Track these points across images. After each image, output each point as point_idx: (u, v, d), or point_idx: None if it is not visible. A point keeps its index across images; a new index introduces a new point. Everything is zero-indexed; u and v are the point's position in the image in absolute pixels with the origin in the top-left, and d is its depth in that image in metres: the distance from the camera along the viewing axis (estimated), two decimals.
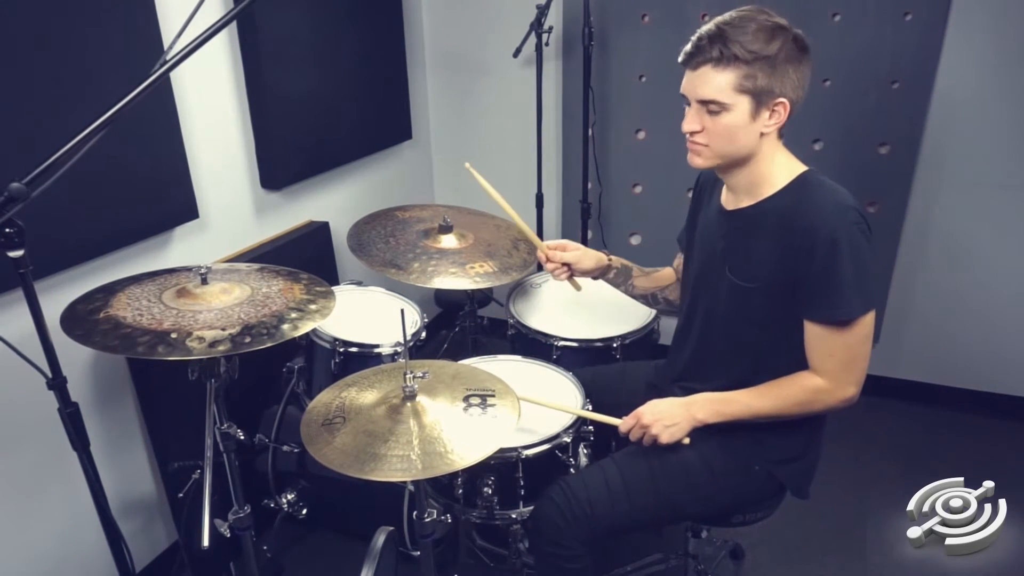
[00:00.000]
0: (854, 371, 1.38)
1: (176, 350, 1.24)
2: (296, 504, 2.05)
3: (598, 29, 2.69)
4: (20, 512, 1.69)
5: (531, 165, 2.90)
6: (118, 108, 1.10)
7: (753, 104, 1.32)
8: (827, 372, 1.39)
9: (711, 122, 1.34)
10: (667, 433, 1.47)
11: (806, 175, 1.41)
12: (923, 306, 2.72)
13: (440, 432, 1.27)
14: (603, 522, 1.47)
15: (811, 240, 1.31)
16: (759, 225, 1.42)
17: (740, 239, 1.46)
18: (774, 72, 1.30)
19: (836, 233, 1.29)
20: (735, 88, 1.30)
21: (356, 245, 2.06)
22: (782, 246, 1.36)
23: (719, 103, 1.32)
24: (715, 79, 1.31)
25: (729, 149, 1.37)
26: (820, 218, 1.31)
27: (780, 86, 1.32)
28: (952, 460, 2.44)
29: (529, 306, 2.17)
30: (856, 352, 1.37)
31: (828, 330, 1.35)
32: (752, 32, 1.29)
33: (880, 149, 2.57)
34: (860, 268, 1.31)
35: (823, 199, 1.34)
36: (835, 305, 1.32)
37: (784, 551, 2.13)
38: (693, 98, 1.35)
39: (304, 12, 2.28)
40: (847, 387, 1.39)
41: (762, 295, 1.41)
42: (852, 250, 1.29)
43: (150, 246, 1.93)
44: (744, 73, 1.29)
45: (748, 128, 1.35)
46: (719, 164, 1.42)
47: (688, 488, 1.50)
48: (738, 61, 1.29)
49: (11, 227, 1.09)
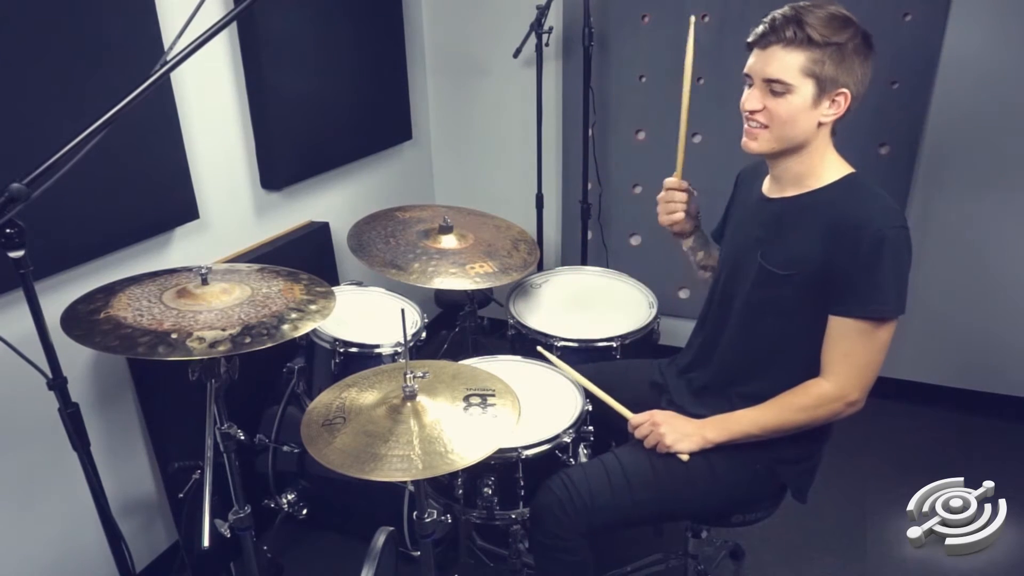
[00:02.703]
0: (864, 377, 1.38)
1: (176, 350, 1.24)
2: (296, 504, 2.05)
3: (598, 29, 2.69)
4: (20, 512, 1.69)
5: (531, 165, 2.90)
6: (118, 108, 1.10)
7: (816, 90, 1.33)
8: (838, 374, 1.38)
9: (773, 103, 1.35)
10: (673, 439, 1.48)
11: (855, 176, 1.42)
12: (923, 306, 2.72)
13: (440, 432, 1.27)
14: (603, 515, 1.47)
15: (857, 235, 1.31)
16: (802, 215, 1.42)
17: (779, 227, 1.46)
18: (842, 61, 1.32)
19: (883, 232, 1.30)
20: (802, 71, 1.31)
21: (356, 245, 2.06)
22: (825, 239, 1.36)
23: (785, 83, 1.32)
24: (784, 58, 1.31)
25: (787, 132, 1.37)
26: (868, 216, 1.32)
27: (845, 76, 1.33)
28: (952, 460, 2.44)
29: (529, 306, 2.17)
30: (873, 358, 1.38)
31: (855, 326, 1.35)
32: (826, 18, 1.30)
33: (880, 149, 2.57)
34: (900, 271, 1.32)
35: (873, 200, 1.35)
36: (871, 300, 1.33)
37: (784, 551, 2.13)
38: (759, 77, 1.35)
39: (304, 12, 2.28)
40: (853, 392, 1.39)
41: (793, 285, 1.41)
42: (896, 252, 1.30)
43: (150, 246, 1.93)
44: (813, 57, 1.30)
45: (808, 114, 1.35)
46: (774, 149, 1.41)
47: (689, 484, 1.50)
48: (810, 44, 1.30)
49: (11, 227, 1.09)
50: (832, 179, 1.42)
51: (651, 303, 2.15)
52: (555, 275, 2.38)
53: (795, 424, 1.43)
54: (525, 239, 2.23)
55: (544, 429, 1.60)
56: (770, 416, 1.44)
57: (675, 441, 1.48)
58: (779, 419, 1.44)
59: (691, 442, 1.48)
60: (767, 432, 1.45)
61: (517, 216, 2.48)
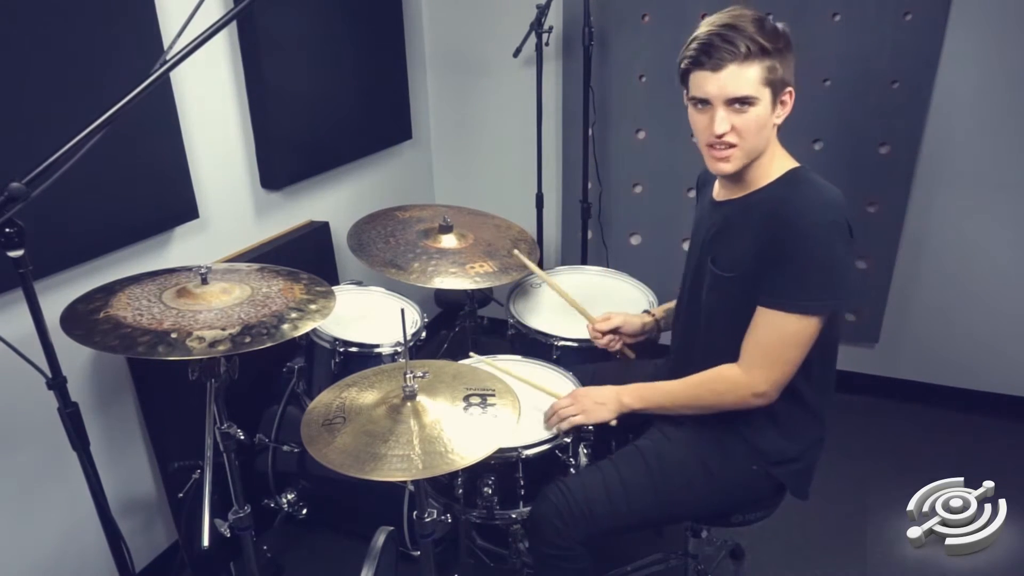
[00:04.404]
0: (774, 370, 1.37)
1: (176, 350, 1.24)
2: (296, 504, 2.05)
3: (598, 29, 2.69)
4: (20, 512, 1.69)
5: (531, 165, 2.90)
6: (118, 108, 1.10)
7: (772, 96, 1.34)
8: (749, 363, 1.38)
9: (740, 120, 1.33)
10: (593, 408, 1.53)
11: (797, 170, 1.41)
12: (923, 306, 2.72)
13: (440, 432, 1.27)
14: (601, 522, 1.47)
15: (786, 229, 1.31)
16: (745, 216, 1.42)
17: (726, 230, 1.47)
18: (785, 62, 1.33)
19: (812, 227, 1.29)
20: (761, 81, 1.31)
21: (356, 245, 2.06)
22: (762, 237, 1.36)
23: (751, 98, 1.31)
24: (745, 74, 1.30)
25: (757, 145, 1.37)
26: (800, 211, 1.31)
27: (788, 75, 1.35)
28: (952, 460, 2.44)
29: (529, 306, 2.17)
30: (785, 352, 1.35)
31: (769, 316, 1.34)
32: (758, 26, 1.30)
33: (880, 149, 2.57)
34: (829, 265, 1.30)
35: (810, 194, 1.34)
36: (787, 293, 1.31)
37: (784, 551, 2.13)
38: (721, 99, 1.32)
39: (304, 12, 2.28)
40: (759, 383, 1.38)
41: (741, 286, 1.41)
42: (824, 245, 1.29)
43: (150, 246, 1.93)
44: (769, 65, 1.31)
45: (769, 121, 1.36)
46: (745, 165, 1.39)
47: (686, 488, 1.50)
48: (763, 54, 1.29)
49: (11, 227, 1.09)
50: (775, 176, 1.41)
51: (651, 303, 2.15)
52: (555, 275, 2.38)
53: (705, 404, 1.46)
54: (525, 239, 2.22)
55: (544, 429, 1.60)
56: (682, 391, 1.47)
57: (592, 409, 1.52)
58: (690, 396, 1.46)
59: (607, 409, 1.52)
60: (678, 406, 1.48)
61: (517, 216, 2.48)
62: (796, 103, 1.41)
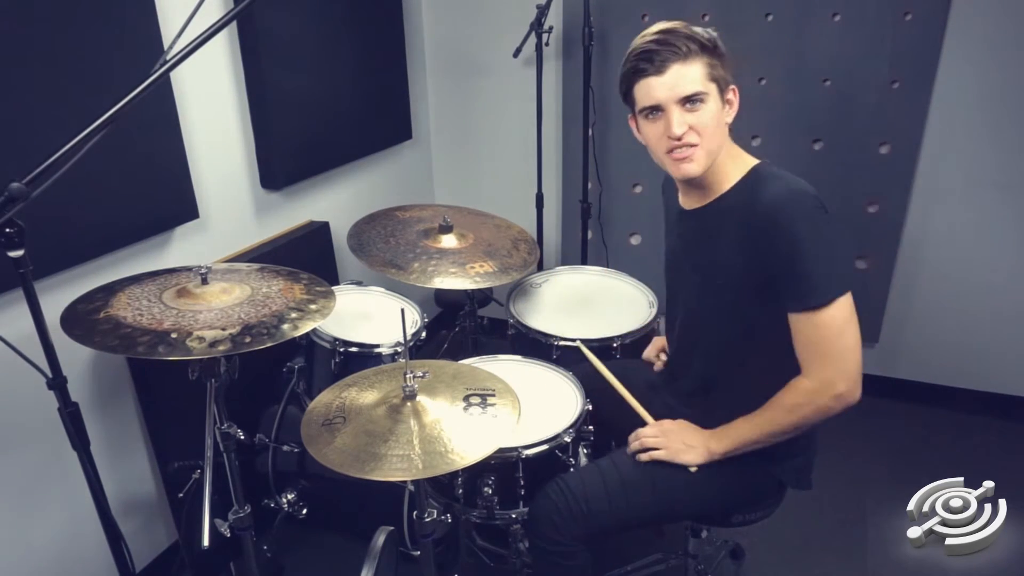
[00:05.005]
0: (839, 364, 1.32)
1: (176, 350, 1.24)
2: (296, 504, 2.05)
3: (598, 29, 2.69)
4: (20, 512, 1.69)
5: (531, 165, 2.90)
6: (118, 108, 1.10)
7: (719, 93, 1.34)
8: (812, 368, 1.35)
9: (695, 117, 1.33)
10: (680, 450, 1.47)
11: (759, 167, 1.41)
12: (923, 306, 2.72)
13: (440, 432, 1.27)
14: (600, 520, 1.47)
15: (770, 229, 1.30)
16: (720, 221, 1.42)
17: (702, 238, 1.47)
18: (723, 59, 1.34)
19: (793, 218, 1.28)
20: (706, 77, 1.32)
21: (356, 245, 2.06)
22: (743, 240, 1.35)
23: (701, 93, 1.31)
24: (689, 72, 1.31)
25: (715, 141, 1.36)
26: (775, 206, 1.30)
27: (729, 73, 1.36)
28: (952, 460, 2.44)
29: (529, 306, 2.17)
30: (838, 343, 1.31)
31: (804, 319, 1.32)
32: (689, 28, 1.33)
33: (880, 149, 2.57)
34: (826, 250, 1.29)
35: (778, 187, 1.33)
36: (805, 292, 1.30)
37: (784, 551, 2.13)
38: (673, 100, 1.32)
39: (304, 12, 2.28)
40: (835, 383, 1.32)
41: (731, 291, 1.41)
42: (813, 233, 1.28)
43: (150, 246, 1.93)
44: (709, 62, 1.32)
45: (720, 118, 1.36)
46: (708, 165, 1.38)
47: (685, 487, 1.50)
48: (703, 50, 1.31)
49: (11, 227, 1.09)
50: (738, 177, 1.40)
51: (651, 302, 2.15)
52: (555, 275, 2.38)
53: (790, 424, 1.39)
54: (525, 239, 2.22)
55: (544, 429, 1.60)
56: (765, 420, 1.41)
57: (679, 450, 1.47)
58: (774, 421, 1.40)
59: (696, 454, 1.47)
60: (767, 435, 1.42)
61: (517, 216, 2.48)
62: (796, 103, 1.41)
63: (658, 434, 1.51)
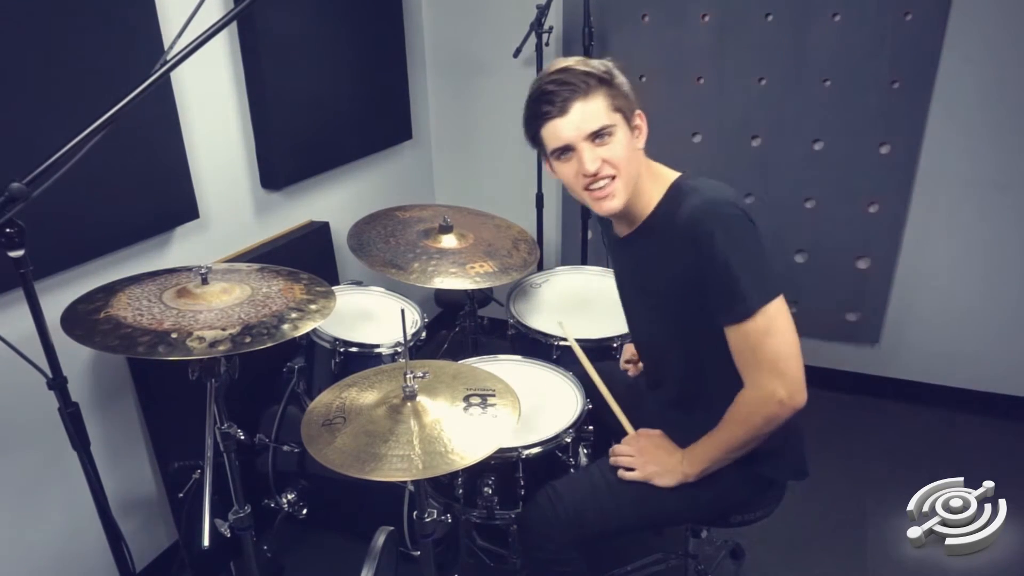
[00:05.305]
0: (776, 371, 1.28)
1: (176, 350, 1.24)
2: (296, 504, 2.05)
3: (598, 29, 2.69)
4: (20, 512, 1.69)
5: (531, 165, 2.90)
6: (118, 108, 1.10)
7: (625, 122, 1.34)
8: (750, 377, 1.33)
9: (607, 150, 1.32)
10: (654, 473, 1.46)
11: (678, 182, 1.40)
12: (924, 306, 2.72)
13: (440, 432, 1.27)
14: (591, 527, 1.46)
15: (690, 244, 1.30)
16: (649, 245, 1.42)
17: (639, 264, 1.49)
18: (621, 88, 1.35)
19: (710, 229, 1.27)
20: (610, 108, 1.32)
21: (356, 245, 2.06)
22: (671, 258, 1.35)
23: (608, 126, 1.31)
24: (591, 107, 1.31)
25: (633, 170, 1.36)
26: (693, 220, 1.30)
27: (631, 100, 1.36)
28: (952, 460, 2.44)
29: (529, 306, 2.17)
30: (771, 350, 1.28)
31: (735, 330, 1.30)
32: (584, 63, 1.33)
33: (880, 149, 2.57)
34: (747, 258, 1.27)
35: (694, 200, 1.32)
36: (732, 304, 1.29)
37: (784, 551, 2.13)
38: (581, 137, 1.31)
39: (304, 12, 2.28)
40: (776, 390, 1.28)
41: (674, 312, 1.42)
42: (732, 242, 1.27)
43: (150, 246, 1.93)
44: (609, 93, 1.32)
45: (632, 146, 1.36)
46: (629, 197, 1.37)
47: (675, 493, 1.47)
48: (601, 84, 1.31)
49: (11, 227, 1.09)
50: (660, 196, 1.40)
51: None
52: (555, 275, 2.38)
53: (748, 436, 1.37)
54: (525, 239, 2.23)
55: (544, 429, 1.60)
56: (724, 436, 1.39)
57: (653, 474, 1.46)
58: (733, 436, 1.38)
59: (671, 478, 1.45)
60: (732, 450, 1.40)
61: (517, 216, 2.48)
62: (796, 103, 1.41)
63: (633, 454, 1.50)
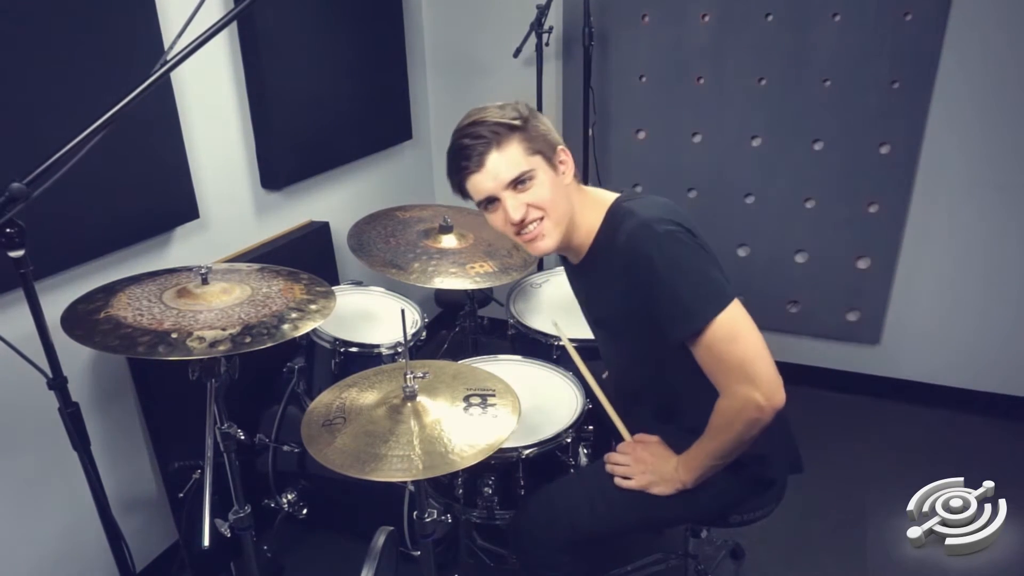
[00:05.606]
0: (747, 376, 1.26)
1: (176, 350, 1.24)
2: (296, 504, 2.05)
3: (598, 29, 2.69)
4: (21, 511, 1.69)
5: None
6: (118, 108, 1.10)
7: (546, 162, 1.34)
8: (723, 387, 1.32)
9: (531, 194, 1.32)
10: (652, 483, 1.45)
11: (614, 206, 1.39)
12: (924, 306, 2.72)
13: (440, 432, 1.27)
14: (583, 531, 1.46)
15: (631, 266, 1.30)
16: (596, 272, 1.43)
17: (591, 292, 1.50)
18: (537, 128, 1.34)
19: (647, 250, 1.27)
20: (526, 152, 1.31)
21: (356, 245, 2.06)
22: (617, 283, 1.36)
23: (526, 171, 1.31)
24: (506, 157, 1.30)
25: (561, 209, 1.35)
26: (629, 243, 1.30)
27: (550, 137, 1.36)
28: (952, 460, 2.44)
29: (529, 306, 2.17)
30: (736, 357, 1.26)
31: (696, 345, 1.30)
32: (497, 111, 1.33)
33: (880, 149, 2.57)
34: (690, 273, 1.27)
35: (630, 223, 1.31)
36: (682, 320, 1.28)
37: (784, 551, 2.13)
38: (501, 187, 1.32)
39: (304, 12, 2.28)
40: (750, 395, 1.26)
41: (631, 337, 1.43)
42: (671, 260, 1.27)
43: (150, 246, 1.93)
44: (522, 137, 1.31)
45: (558, 184, 1.35)
46: (562, 234, 1.37)
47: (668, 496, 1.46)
48: (512, 130, 1.31)
49: (11, 227, 1.09)
50: (598, 223, 1.40)
51: None
52: (555, 275, 2.38)
53: (734, 442, 1.35)
54: None
55: (544, 429, 1.60)
56: (713, 445, 1.38)
57: (650, 484, 1.45)
58: (722, 443, 1.36)
59: (669, 487, 1.44)
60: (722, 456, 1.38)
61: None
62: (796, 103, 1.40)
63: (629, 463, 1.48)
